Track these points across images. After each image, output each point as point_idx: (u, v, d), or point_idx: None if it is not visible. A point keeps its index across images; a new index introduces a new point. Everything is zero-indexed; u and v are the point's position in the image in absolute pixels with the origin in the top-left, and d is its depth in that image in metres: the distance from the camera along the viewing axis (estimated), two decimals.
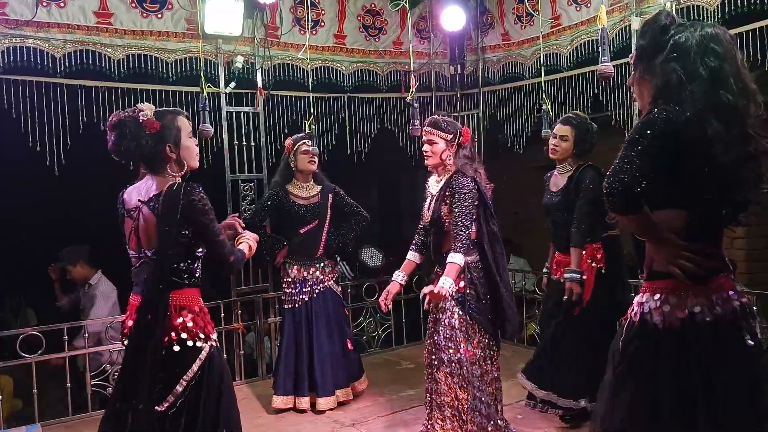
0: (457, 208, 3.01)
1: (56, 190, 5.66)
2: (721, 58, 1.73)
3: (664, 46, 1.78)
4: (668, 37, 1.78)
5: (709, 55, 1.73)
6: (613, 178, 1.70)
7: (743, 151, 1.71)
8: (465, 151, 3.16)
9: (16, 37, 3.97)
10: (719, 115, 1.69)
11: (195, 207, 2.21)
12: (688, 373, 1.72)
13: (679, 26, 1.81)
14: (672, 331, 1.76)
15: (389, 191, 9.80)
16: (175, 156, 2.32)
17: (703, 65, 1.72)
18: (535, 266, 5.27)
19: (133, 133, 2.24)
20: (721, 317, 1.75)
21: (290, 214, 4.09)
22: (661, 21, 1.82)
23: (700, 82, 1.71)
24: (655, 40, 1.81)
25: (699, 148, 1.69)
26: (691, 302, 1.76)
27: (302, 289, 4.08)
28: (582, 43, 4.70)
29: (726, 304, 1.77)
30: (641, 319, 1.83)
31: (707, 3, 3.86)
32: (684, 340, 1.75)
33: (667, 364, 1.76)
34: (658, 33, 1.81)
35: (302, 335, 4.05)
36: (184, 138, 2.34)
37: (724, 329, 1.75)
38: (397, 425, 3.80)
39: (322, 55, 5.10)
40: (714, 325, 1.75)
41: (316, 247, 4.14)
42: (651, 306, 1.81)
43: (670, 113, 1.70)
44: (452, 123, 3.19)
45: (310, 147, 4.13)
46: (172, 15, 4.49)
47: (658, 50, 1.79)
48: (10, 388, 5.00)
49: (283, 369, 4.06)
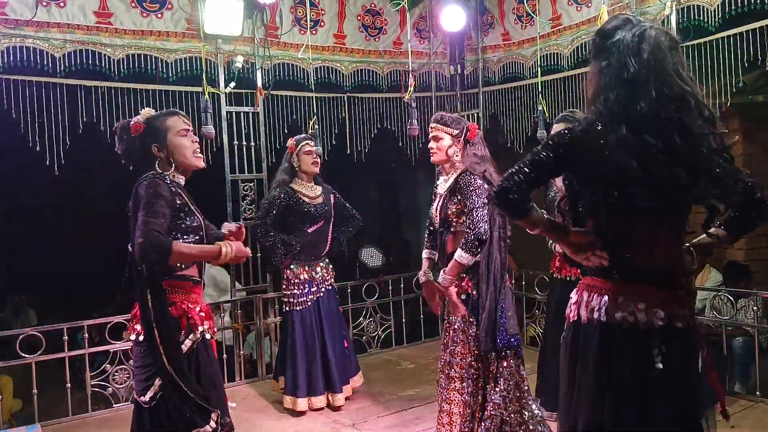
0: (467, 207, 2.95)
1: (56, 190, 5.66)
2: (643, 62, 1.65)
3: (609, 48, 1.73)
4: (612, 40, 1.72)
5: (634, 59, 1.66)
6: (501, 180, 1.75)
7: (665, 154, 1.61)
8: (475, 149, 3.08)
9: (16, 37, 3.96)
10: (631, 123, 1.63)
11: (139, 191, 2.26)
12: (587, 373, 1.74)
13: (625, 27, 1.73)
14: (575, 327, 1.81)
15: (389, 191, 9.80)
16: (164, 154, 2.39)
17: (626, 70, 1.66)
18: (534, 266, 5.26)
19: (122, 138, 2.41)
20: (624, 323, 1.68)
21: (300, 214, 4.03)
22: (611, 21, 1.78)
23: (620, 89, 1.67)
24: (603, 42, 1.76)
25: (598, 152, 1.65)
26: (595, 300, 1.75)
27: (310, 290, 4.07)
28: (582, 43, 4.70)
29: (641, 315, 1.67)
30: (568, 316, 1.88)
31: (707, 3, 3.86)
32: (587, 336, 1.76)
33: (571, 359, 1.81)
34: (598, 37, 1.78)
35: (313, 336, 4.03)
36: (170, 136, 2.39)
37: (624, 336, 1.68)
38: (397, 425, 3.80)
39: (322, 55, 5.09)
40: (607, 325, 1.70)
41: (322, 247, 4.14)
42: (572, 301, 1.87)
43: (584, 123, 1.72)
44: (458, 119, 3.13)
45: (314, 148, 4.13)
46: (172, 15, 4.48)
47: (605, 52, 1.74)
48: (10, 388, 5.01)
49: (301, 371, 4.00)
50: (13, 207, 7.15)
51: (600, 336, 1.72)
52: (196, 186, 2.54)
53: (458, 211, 3.01)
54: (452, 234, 3.08)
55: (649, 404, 1.68)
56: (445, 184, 3.14)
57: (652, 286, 1.70)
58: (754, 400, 3.92)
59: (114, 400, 4.22)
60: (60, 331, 4.09)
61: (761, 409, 3.79)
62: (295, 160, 4.10)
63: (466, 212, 2.96)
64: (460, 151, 3.08)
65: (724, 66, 3.77)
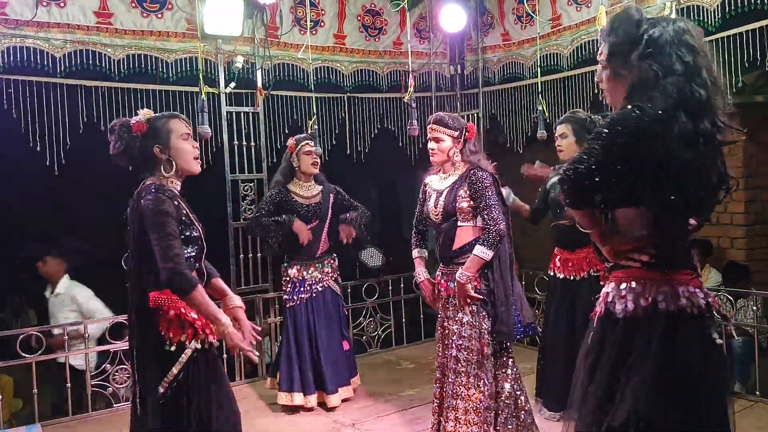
0: (483, 202, 2.99)
1: (56, 190, 5.66)
2: (694, 52, 1.72)
3: (639, 41, 1.75)
4: (641, 33, 1.75)
5: (683, 49, 1.71)
6: (570, 168, 1.69)
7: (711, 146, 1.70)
8: (471, 145, 3.15)
9: (16, 37, 3.97)
10: (689, 110, 1.67)
11: (144, 208, 2.23)
12: (649, 363, 1.70)
13: (650, 21, 1.78)
14: (634, 321, 1.75)
15: (389, 191, 9.79)
16: (165, 157, 2.34)
17: (678, 59, 1.70)
18: (534, 266, 5.27)
19: (122, 136, 2.33)
20: (685, 309, 1.73)
21: (291, 212, 4.05)
22: (633, 16, 1.79)
23: (675, 77, 1.69)
24: (629, 35, 1.77)
25: (665, 145, 1.66)
26: (654, 291, 1.74)
27: (300, 289, 4.07)
28: (582, 44, 4.69)
29: (692, 297, 1.75)
30: (606, 310, 1.81)
31: (707, 3, 3.86)
32: (644, 329, 1.73)
33: (628, 354, 1.74)
34: (632, 28, 1.77)
35: (303, 334, 4.04)
36: (174, 139, 2.36)
37: (688, 322, 1.73)
38: (397, 425, 3.80)
39: (322, 55, 5.10)
40: (676, 316, 1.72)
41: (315, 247, 4.13)
42: (615, 295, 1.80)
43: (642, 110, 1.68)
44: (457, 119, 3.16)
45: (313, 148, 4.12)
46: (172, 15, 4.49)
47: (633, 46, 1.76)
48: (10, 388, 5.00)
49: (285, 366, 4.04)
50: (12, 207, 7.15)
51: (667, 325, 1.72)
52: (195, 186, 2.53)
53: (470, 206, 3.04)
54: (459, 228, 3.08)
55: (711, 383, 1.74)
56: (444, 181, 3.16)
57: (691, 271, 1.80)
58: (754, 400, 3.92)
59: (114, 400, 4.22)
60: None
61: (761, 409, 3.80)
62: (295, 160, 4.11)
63: (482, 207, 2.99)
64: (460, 151, 3.12)
65: (724, 66, 3.76)
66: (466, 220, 3.07)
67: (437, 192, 3.17)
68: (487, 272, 3.03)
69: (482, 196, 2.99)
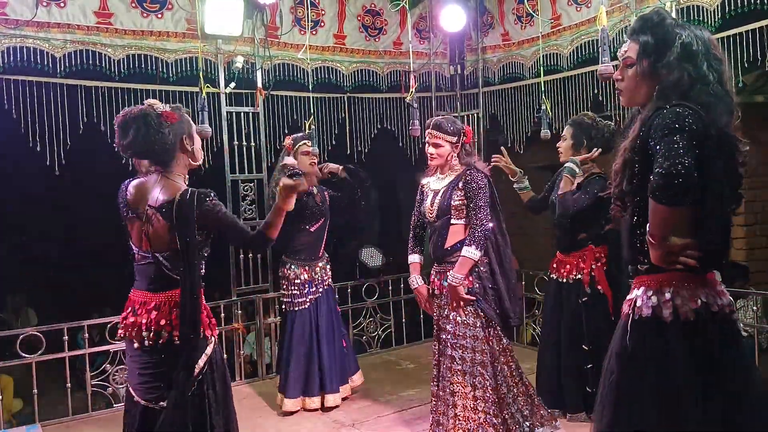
0: (473, 202, 3.08)
1: (56, 189, 5.67)
2: (722, 62, 1.79)
3: (672, 43, 1.79)
4: (675, 36, 1.79)
5: (713, 59, 1.78)
6: (672, 165, 1.61)
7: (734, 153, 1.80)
8: (466, 147, 3.24)
9: (16, 37, 3.96)
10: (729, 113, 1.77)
11: (209, 213, 2.25)
12: (705, 363, 1.73)
13: (679, 25, 1.84)
14: (686, 324, 1.74)
15: (389, 191, 9.79)
16: (191, 148, 2.37)
17: (710, 68, 1.77)
18: (534, 266, 5.27)
19: (156, 125, 2.25)
20: (723, 307, 1.79)
21: (302, 211, 3.97)
22: (666, 18, 1.83)
23: (706, 86, 1.75)
24: (665, 37, 1.80)
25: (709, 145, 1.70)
26: (701, 292, 1.77)
27: (309, 290, 4.07)
28: (582, 44, 4.69)
29: (723, 295, 1.82)
30: (653, 314, 1.77)
31: (707, 3, 3.86)
32: (699, 330, 1.74)
33: (685, 357, 1.73)
34: (668, 29, 1.81)
35: (312, 336, 4.04)
36: (194, 132, 2.41)
37: (726, 318, 1.80)
38: (397, 425, 3.80)
39: (322, 55, 5.10)
40: (717, 314, 1.78)
41: (319, 247, 4.14)
42: (659, 299, 1.77)
43: (694, 110, 1.70)
44: (454, 123, 3.21)
45: (311, 148, 4.12)
46: (172, 15, 4.49)
47: (667, 48, 1.79)
48: (10, 388, 5.01)
49: (294, 372, 4.00)
50: (13, 207, 7.16)
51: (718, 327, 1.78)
52: (195, 185, 2.54)
53: (462, 204, 3.13)
54: (451, 228, 3.16)
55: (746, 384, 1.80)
56: (441, 181, 3.24)
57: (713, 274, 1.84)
58: None
59: (114, 400, 4.21)
60: (60, 331, 4.09)
61: None
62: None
63: (471, 207, 3.08)
64: (457, 155, 3.21)
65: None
66: (459, 218, 3.15)
67: (434, 192, 3.24)
68: (479, 270, 3.09)
69: (474, 196, 3.09)
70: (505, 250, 3.22)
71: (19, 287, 7.78)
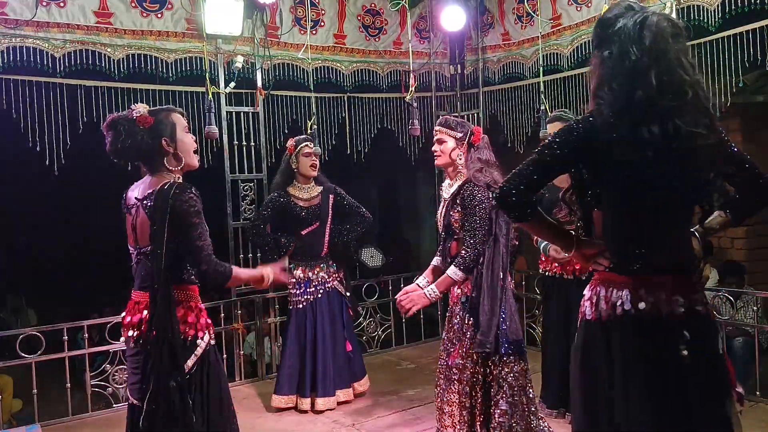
0: (467, 222, 2.91)
1: (56, 190, 5.66)
2: (645, 49, 1.61)
3: (605, 39, 1.70)
4: (611, 30, 1.69)
5: (635, 46, 1.62)
6: (503, 183, 1.71)
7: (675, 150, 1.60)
8: (479, 153, 3.01)
9: (15, 37, 3.96)
10: (634, 114, 1.60)
11: (181, 207, 2.20)
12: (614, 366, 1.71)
13: (627, 14, 1.68)
14: (602, 324, 1.74)
15: (389, 191, 9.80)
16: (173, 150, 2.33)
17: (627, 58, 1.62)
18: (534, 266, 5.26)
19: (128, 130, 2.26)
20: (648, 314, 1.67)
21: (291, 217, 4.06)
22: (608, 13, 1.74)
23: (621, 79, 1.63)
24: (596, 32, 1.75)
25: (614, 150, 1.61)
26: (615, 294, 1.72)
27: (306, 290, 4.07)
28: (582, 43, 4.69)
29: (663, 305, 1.68)
30: (583, 314, 1.82)
31: (707, 3, 3.86)
32: (609, 332, 1.73)
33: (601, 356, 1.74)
34: (600, 26, 1.74)
35: (306, 336, 4.04)
36: (179, 132, 2.36)
37: (653, 327, 1.68)
38: (397, 425, 3.80)
39: (322, 55, 5.09)
40: (638, 319, 1.68)
41: (319, 248, 4.13)
42: (586, 298, 1.82)
43: (590, 118, 1.67)
44: (462, 122, 3.12)
45: (313, 149, 4.12)
46: (172, 15, 4.48)
47: (599, 44, 1.73)
48: (10, 388, 5.01)
49: (286, 370, 4.04)
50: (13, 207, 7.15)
51: (630, 329, 1.70)
52: (195, 185, 2.54)
53: (461, 220, 2.97)
54: (455, 241, 3.05)
55: (682, 391, 1.67)
56: (449, 189, 3.10)
57: (669, 275, 1.71)
58: (754, 400, 3.92)
59: (114, 400, 4.21)
60: (60, 331, 4.09)
61: (761, 409, 3.80)
62: (294, 161, 4.10)
63: (466, 229, 2.92)
64: (464, 154, 3.02)
65: (724, 66, 3.77)
66: (459, 234, 3.01)
67: (444, 201, 3.13)
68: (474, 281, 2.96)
69: (468, 214, 2.91)
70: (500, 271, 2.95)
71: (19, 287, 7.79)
